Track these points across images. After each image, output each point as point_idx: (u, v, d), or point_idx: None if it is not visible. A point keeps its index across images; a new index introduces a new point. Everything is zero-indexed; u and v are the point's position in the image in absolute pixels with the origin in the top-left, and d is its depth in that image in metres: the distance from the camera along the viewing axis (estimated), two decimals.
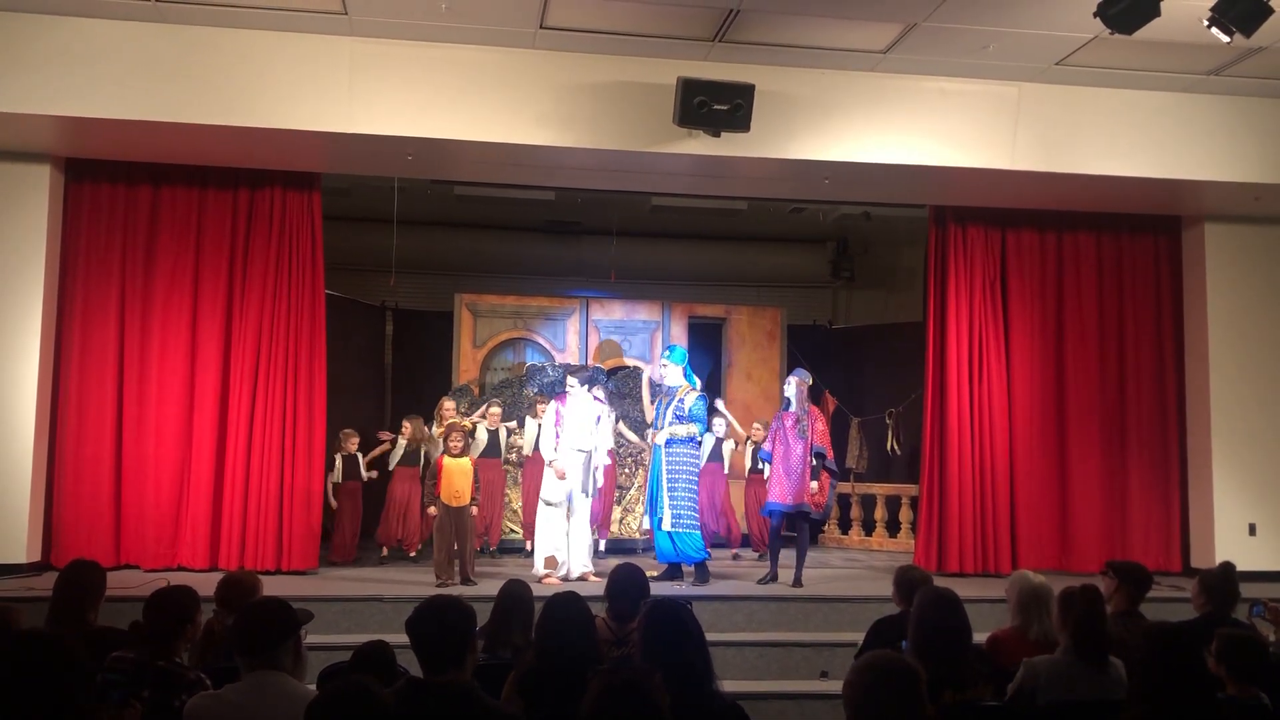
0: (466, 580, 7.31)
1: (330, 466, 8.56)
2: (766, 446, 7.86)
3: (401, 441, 8.82)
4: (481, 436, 8.91)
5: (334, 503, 8.61)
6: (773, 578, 7.57)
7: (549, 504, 7.62)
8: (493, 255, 11.69)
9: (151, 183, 8.04)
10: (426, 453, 8.63)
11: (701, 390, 7.92)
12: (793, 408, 7.70)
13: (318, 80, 7.09)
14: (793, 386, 7.75)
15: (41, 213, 7.70)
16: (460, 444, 7.62)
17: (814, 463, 7.59)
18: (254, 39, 7.02)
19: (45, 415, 7.73)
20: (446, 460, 7.56)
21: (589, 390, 7.85)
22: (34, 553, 7.58)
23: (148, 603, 3.65)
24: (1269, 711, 3.47)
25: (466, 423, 8.53)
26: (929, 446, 8.76)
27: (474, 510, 7.70)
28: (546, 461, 7.67)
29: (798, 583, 7.45)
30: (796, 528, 7.75)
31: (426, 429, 8.78)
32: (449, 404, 9.03)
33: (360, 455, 8.82)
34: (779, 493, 7.61)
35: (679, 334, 10.40)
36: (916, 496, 9.25)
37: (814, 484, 7.56)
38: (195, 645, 4.04)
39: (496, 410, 9.04)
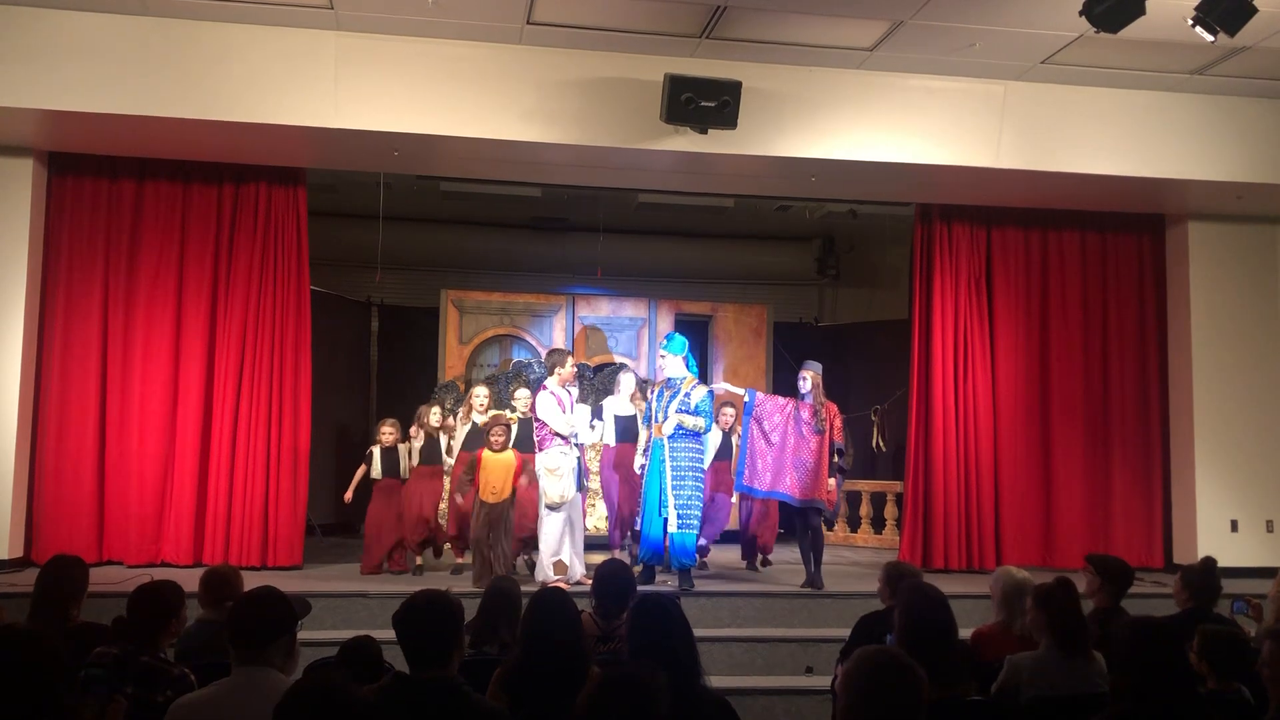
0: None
1: (368, 460, 7.88)
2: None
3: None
4: (512, 428, 7.73)
5: (348, 497, 7.89)
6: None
7: (553, 508, 7.07)
8: (479, 251, 11.67)
9: (135, 177, 8.00)
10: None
11: (709, 387, 7.54)
12: (809, 400, 7.39)
13: (303, 75, 7.06)
14: (808, 380, 7.44)
15: (24, 207, 7.65)
16: (502, 438, 7.22)
17: (835, 460, 7.33)
18: (239, 33, 6.99)
19: (27, 410, 7.68)
20: (487, 455, 7.17)
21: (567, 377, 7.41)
22: (15, 549, 7.53)
23: (131, 598, 3.63)
24: (1250, 705, 3.49)
25: (513, 416, 7.91)
26: (914, 443, 8.80)
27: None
28: (587, 444, 7.03)
29: (818, 584, 7.21)
30: (808, 524, 7.42)
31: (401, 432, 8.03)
32: (482, 390, 8.12)
33: (401, 448, 7.87)
34: (789, 485, 7.27)
35: (665, 330, 10.38)
36: (901, 493, 9.28)
37: (832, 480, 7.31)
38: (192, 639, 4.03)
39: (526, 394, 8.01)
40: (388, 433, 7.90)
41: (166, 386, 7.94)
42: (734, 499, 8.22)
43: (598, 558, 6.61)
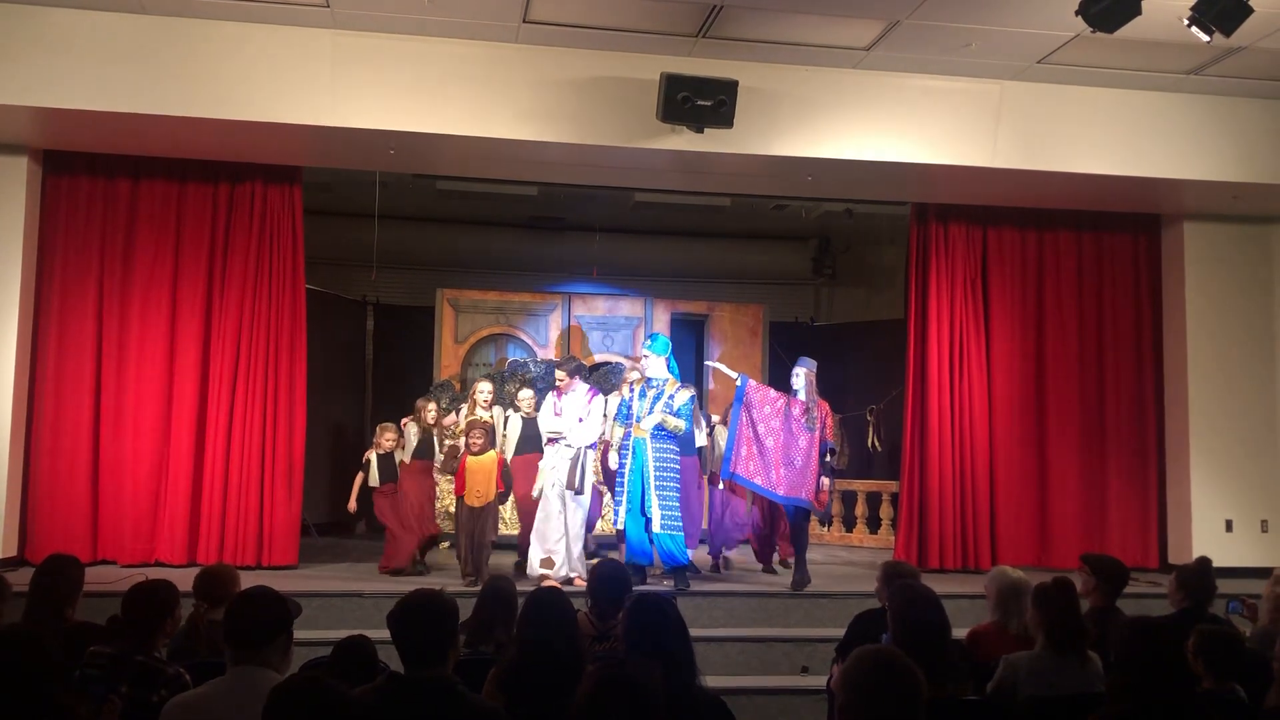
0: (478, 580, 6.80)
1: (364, 468, 7.80)
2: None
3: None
4: (515, 427, 7.89)
5: (353, 506, 7.79)
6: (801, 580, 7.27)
7: (537, 499, 7.20)
8: (475, 251, 11.67)
9: (131, 176, 7.98)
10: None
11: (694, 391, 7.47)
12: (801, 397, 7.33)
13: (299, 73, 7.04)
14: (801, 377, 7.38)
15: (19, 205, 7.63)
16: (481, 440, 7.24)
17: (827, 459, 7.29)
18: (236, 31, 6.97)
19: (21, 409, 7.66)
20: (469, 459, 7.22)
21: (574, 380, 7.44)
22: (9, 548, 7.51)
23: (126, 597, 3.62)
24: (1245, 706, 3.50)
25: (489, 417, 7.93)
26: (910, 443, 8.80)
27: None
28: (582, 444, 7.17)
29: (798, 585, 7.16)
30: (793, 524, 7.42)
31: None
32: (485, 385, 8.16)
33: (397, 453, 7.81)
34: (774, 479, 7.18)
35: (661, 330, 10.37)
36: (897, 493, 9.28)
37: (825, 480, 7.27)
38: (181, 639, 4.02)
39: (530, 394, 7.98)
40: (388, 439, 7.83)
41: (161, 385, 7.92)
42: (750, 502, 8.08)
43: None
